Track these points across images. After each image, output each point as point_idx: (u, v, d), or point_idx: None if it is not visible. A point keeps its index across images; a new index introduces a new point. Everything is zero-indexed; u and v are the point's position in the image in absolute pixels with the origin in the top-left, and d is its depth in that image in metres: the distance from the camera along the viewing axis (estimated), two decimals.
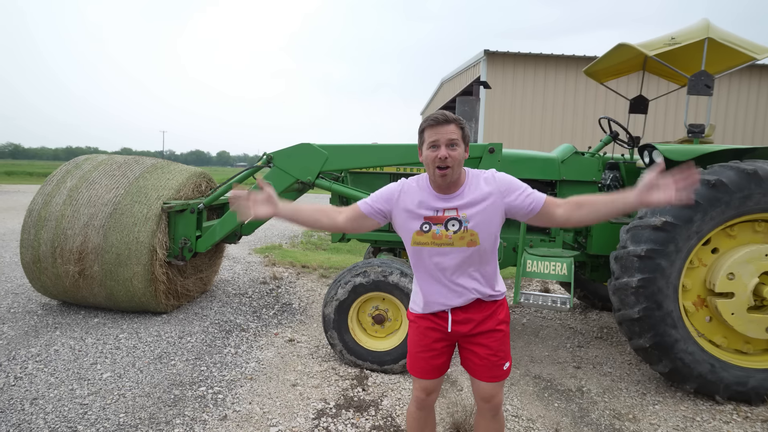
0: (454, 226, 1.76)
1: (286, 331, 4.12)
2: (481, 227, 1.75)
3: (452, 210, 1.76)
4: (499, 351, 1.87)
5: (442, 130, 1.69)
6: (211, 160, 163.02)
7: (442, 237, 1.77)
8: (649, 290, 2.99)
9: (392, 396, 3.01)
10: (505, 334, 1.91)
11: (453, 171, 1.70)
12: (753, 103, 12.94)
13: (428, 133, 1.72)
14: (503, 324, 1.90)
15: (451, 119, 1.72)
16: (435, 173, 1.71)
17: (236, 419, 2.68)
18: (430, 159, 1.71)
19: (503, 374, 1.90)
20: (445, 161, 1.67)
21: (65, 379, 3.04)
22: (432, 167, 1.72)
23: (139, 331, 3.87)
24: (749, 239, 3.15)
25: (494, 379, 1.88)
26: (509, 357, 1.93)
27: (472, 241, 1.76)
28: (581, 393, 3.22)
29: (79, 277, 4.00)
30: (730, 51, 3.69)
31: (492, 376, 1.88)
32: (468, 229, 1.76)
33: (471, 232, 1.76)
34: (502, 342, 1.89)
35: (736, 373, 3.07)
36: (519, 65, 12.39)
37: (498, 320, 1.88)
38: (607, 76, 4.74)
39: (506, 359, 1.91)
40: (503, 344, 1.89)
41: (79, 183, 4.24)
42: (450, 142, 1.69)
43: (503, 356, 1.89)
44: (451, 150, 1.68)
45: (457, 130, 1.70)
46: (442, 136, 1.68)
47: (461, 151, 1.71)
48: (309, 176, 3.80)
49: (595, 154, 4.01)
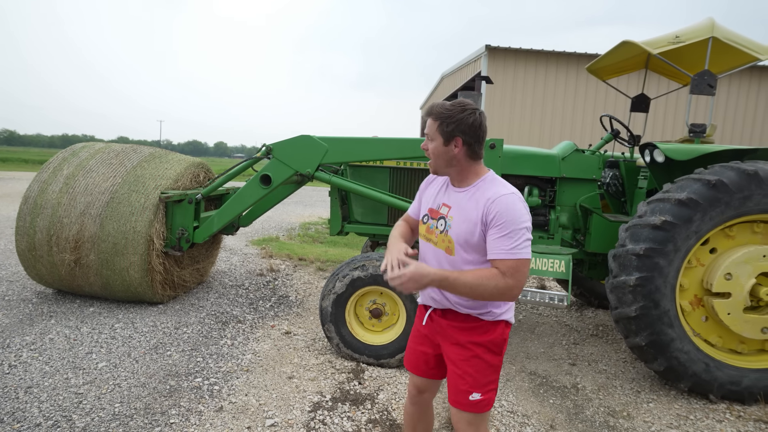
0: (441, 225, 1.70)
1: (283, 324, 4.11)
2: (458, 239, 1.63)
3: (447, 207, 1.70)
4: (467, 374, 1.66)
5: (426, 124, 1.68)
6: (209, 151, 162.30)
7: (432, 233, 1.73)
8: (647, 289, 2.99)
9: (388, 390, 3.02)
10: (481, 361, 1.66)
11: (433, 162, 1.68)
12: (754, 104, 12.94)
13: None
14: (478, 347, 1.66)
15: (429, 112, 1.66)
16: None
17: (232, 411, 2.68)
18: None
19: (467, 404, 1.66)
20: (426, 152, 1.70)
21: (60, 367, 3.03)
22: None
23: (135, 321, 3.86)
24: (748, 240, 3.15)
25: (457, 405, 1.69)
26: (485, 390, 1.66)
27: (449, 249, 1.66)
28: (576, 390, 3.24)
29: (74, 265, 3.98)
30: (734, 51, 3.68)
31: (454, 398, 1.69)
32: (448, 234, 1.67)
33: (449, 238, 1.66)
34: (474, 367, 1.66)
35: (730, 372, 3.09)
36: (520, 61, 12.33)
37: (473, 340, 1.67)
38: (610, 73, 4.71)
39: (475, 389, 1.65)
40: (475, 370, 1.66)
41: (76, 171, 4.20)
42: (427, 136, 1.67)
43: (471, 383, 1.66)
44: (429, 143, 1.66)
45: (432, 124, 1.64)
46: (425, 129, 1.69)
47: (436, 145, 1.63)
48: (308, 168, 3.77)
49: (596, 152, 4.00)
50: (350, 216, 4.17)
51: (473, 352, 1.67)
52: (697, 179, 3.04)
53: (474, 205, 1.61)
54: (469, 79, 13.90)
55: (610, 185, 4.37)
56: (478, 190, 1.64)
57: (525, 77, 12.42)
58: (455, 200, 1.68)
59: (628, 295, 3.04)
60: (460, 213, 1.64)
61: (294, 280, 5.52)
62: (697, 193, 2.98)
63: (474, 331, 1.68)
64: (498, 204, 1.54)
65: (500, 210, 1.53)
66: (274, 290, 5.07)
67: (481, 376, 1.67)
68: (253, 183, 3.91)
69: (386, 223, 4.03)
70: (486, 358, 1.67)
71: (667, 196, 3.05)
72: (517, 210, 1.53)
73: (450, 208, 1.68)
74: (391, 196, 3.80)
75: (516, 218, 1.53)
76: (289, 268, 6.02)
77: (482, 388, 1.67)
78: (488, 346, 1.67)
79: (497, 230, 1.53)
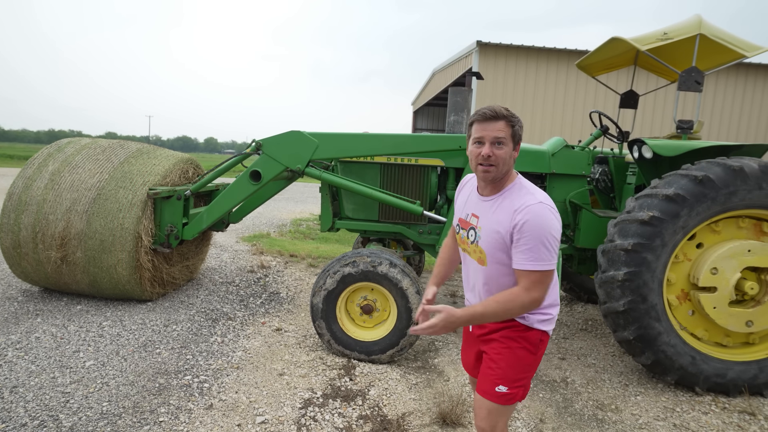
0: (471, 236, 1.70)
1: (274, 321, 4.10)
2: (489, 249, 1.63)
3: (476, 218, 1.69)
4: (497, 366, 1.68)
5: (489, 127, 1.56)
6: (199, 147, 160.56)
7: (465, 242, 1.75)
8: (635, 284, 3.03)
9: (379, 386, 3.02)
10: (513, 355, 1.67)
11: (497, 170, 1.58)
12: (741, 101, 13.12)
13: (475, 128, 1.61)
14: (513, 341, 1.68)
15: (500, 115, 1.57)
16: (477, 169, 1.62)
17: (222, 408, 2.67)
18: (473, 155, 1.61)
19: (493, 394, 1.66)
20: (488, 159, 1.57)
21: (46, 366, 2.99)
22: (474, 163, 1.62)
23: (123, 319, 3.81)
24: (733, 235, 3.20)
25: (482, 393, 1.70)
26: (512, 385, 1.66)
27: (481, 260, 1.68)
28: (566, 384, 3.27)
29: (61, 263, 3.92)
30: (721, 48, 3.71)
31: (482, 387, 1.71)
32: (479, 245, 1.67)
33: (480, 249, 1.66)
34: (506, 360, 1.68)
35: (715, 365, 3.14)
36: (511, 57, 12.36)
37: (508, 335, 1.69)
38: (599, 69, 4.74)
39: (503, 381, 1.66)
40: (507, 363, 1.68)
41: (61, 167, 4.13)
42: (496, 140, 1.56)
43: (500, 374, 1.67)
44: (497, 148, 1.56)
45: (506, 128, 1.56)
46: (488, 133, 1.56)
47: (508, 150, 1.57)
48: (299, 164, 3.75)
49: (585, 148, 4.03)
50: (341, 212, 4.15)
51: (506, 345, 1.69)
52: (684, 175, 3.08)
53: (502, 216, 1.59)
54: (460, 74, 13.91)
55: (600, 181, 4.40)
56: (505, 199, 1.62)
57: (516, 73, 12.45)
58: (482, 210, 1.67)
59: (617, 290, 3.07)
60: (488, 224, 1.63)
61: (285, 276, 5.50)
62: (684, 189, 3.01)
63: (510, 329, 1.70)
64: (525, 214, 1.52)
65: (527, 221, 1.51)
66: (265, 287, 5.05)
67: (511, 371, 1.67)
68: (242, 179, 3.88)
69: (377, 219, 4.03)
70: (518, 354, 1.68)
71: (655, 191, 3.09)
72: (544, 220, 1.52)
73: (478, 218, 1.68)
74: (381, 192, 3.79)
75: (543, 229, 1.51)
76: (280, 265, 5.99)
77: (510, 383, 1.67)
78: (522, 343, 1.68)
79: (523, 241, 1.52)
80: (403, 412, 2.73)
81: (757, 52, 3.65)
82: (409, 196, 3.90)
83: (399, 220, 3.98)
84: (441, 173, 4.06)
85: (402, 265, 3.32)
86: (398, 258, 3.42)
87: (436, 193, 4.04)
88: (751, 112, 13.17)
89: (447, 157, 3.83)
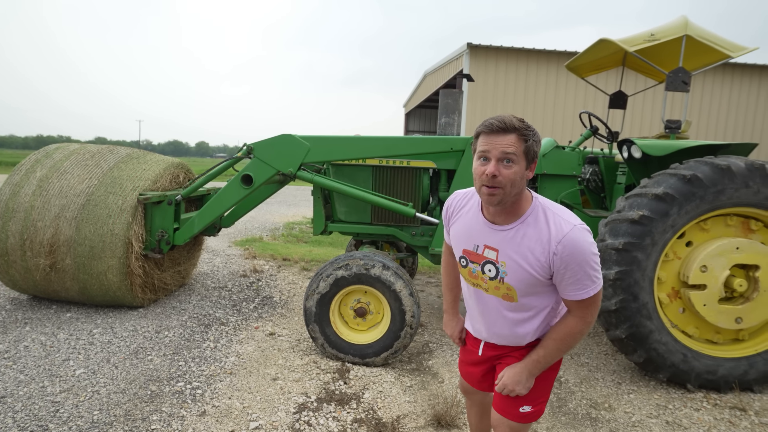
0: (490, 271, 1.48)
1: (267, 325, 4.07)
2: (519, 286, 1.45)
3: (493, 251, 1.45)
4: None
5: (497, 141, 1.32)
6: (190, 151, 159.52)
7: (477, 278, 1.53)
8: (626, 282, 3.05)
9: (374, 389, 3.01)
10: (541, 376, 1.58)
11: (505, 192, 1.35)
12: (727, 101, 13.32)
13: (481, 140, 1.37)
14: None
15: (510, 127, 1.32)
16: (481, 191, 1.38)
17: (215, 414, 2.64)
18: (477, 173, 1.37)
19: (517, 415, 1.57)
20: (493, 180, 1.33)
21: (35, 376, 2.94)
22: (478, 184, 1.38)
23: (114, 326, 3.77)
24: (722, 233, 3.24)
25: (505, 414, 1.60)
26: (536, 402, 1.58)
27: (508, 296, 1.49)
28: (559, 383, 3.28)
29: (50, 270, 3.87)
30: (707, 48, 3.77)
31: (503, 407, 1.60)
32: (504, 281, 1.46)
33: (507, 285, 1.46)
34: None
35: (706, 362, 3.17)
36: (501, 59, 12.44)
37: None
38: (588, 71, 4.79)
39: (527, 402, 1.57)
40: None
41: (49, 173, 4.08)
42: (504, 157, 1.32)
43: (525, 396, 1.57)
44: (505, 167, 1.32)
45: (518, 143, 1.32)
46: (496, 148, 1.32)
47: (518, 170, 1.33)
48: (290, 168, 3.74)
49: (576, 149, 4.06)
50: (333, 215, 4.14)
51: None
52: (672, 174, 3.11)
53: (536, 244, 1.39)
54: (451, 76, 13.97)
55: (590, 181, 4.44)
56: (529, 227, 1.41)
57: (506, 75, 12.53)
58: (501, 241, 1.44)
59: (608, 289, 3.09)
60: (516, 258, 1.42)
61: (278, 280, 5.47)
62: (673, 188, 3.04)
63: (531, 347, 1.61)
64: (566, 246, 1.35)
65: (570, 252, 1.35)
66: (258, 291, 5.02)
67: (535, 389, 1.58)
68: (234, 183, 3.86)
69: (370, 221, 4.02)
70: (544, 373, 1.59)
71: (645, 191, 3.12)
72: (586, 246, 1.35)
73: (498, 252, 1.45)
74: (374, 194, 3.79)
75: (587, 255, 1.36)
76: (273, 269, 5.96)
77: (534, 402, 1.59)
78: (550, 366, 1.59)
79: (571, 273, 1.37)
80: (397, 415, 2.73)
81: (742, 53, 3.71)
82: (401, 198, 3.91)
83: (391, 222, 3.98)
84: (433, 175, 4.07)
85: (395, 267, 3.32)
86: (391, 260, 3.42)
87: (429, 194, 4.05)
88: (738, 112, 13.37)
89: (438, 159, 3.84)
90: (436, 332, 4.11)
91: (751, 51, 3.72)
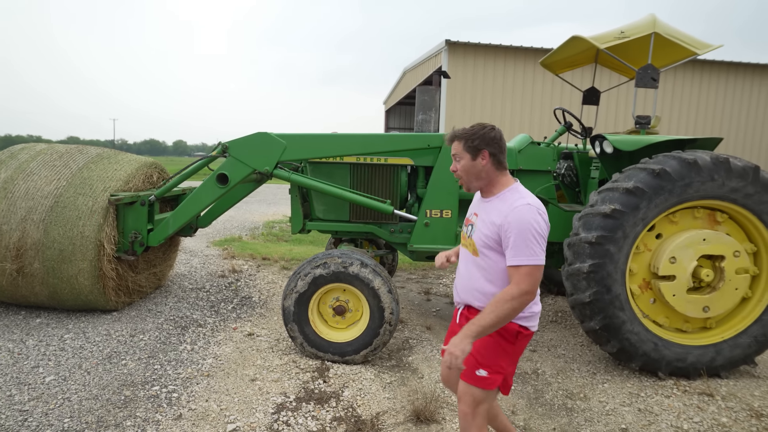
0: (468, 230, 1.95)
1: (246, 326, 4.03)
2: (478, 242, 1.85)
3: (475, 216, 1.93)
4: (476, 351, 1.80)
5: (452, 147, 1.89)
6: (167, 150, 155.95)
7: (465, 238, 1.97)
8: (599, 275, 3.12)
9: (353, 387, 3.01)
10: (492, 340, 1.81)
11: (465, 179, 1.88)
12: (697, 96, 13.72)
13: None
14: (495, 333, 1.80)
15: (453, 137, 1.88)
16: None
17: (192, 418, 2.60)
18: None
19: (473, 378, 1.82)
20: (457, 173, 1.90)
21: (2, 384, 2.84)
22: None
23: (86, 331, 3.67)
24: (689, 225, 3.34)
25: (463, 377, 1.85)
26: (492, 369, 1.81)
27: (474, 251, 1.88)
28: (536, 375, 3.34)
29: (17, 275, 3.74)
30: (675, 46, 3.87)
31: (464, 372, 1.84)
32: (471, 237, 1.90)
33: (472, 241, 1.89)
34: (485, 345, 1.82)
35: (676, 350, 3.27)
36: (479, 56, 12.53)
37: None
38: (562, 67, 4.86)
39: (482, 366, 1.81)
40: (485, 348, 1.82)
41: (14, 174, 3.94)
42: (455, 157, 1.88)
43: (479, 359, 1.81)
44: (457, 163, 1.88)
45: (458, 145, 1.85)
46: (452, 153, 1.90)
47: (465, 163, 1.85)
48: (267, 166, 3.69)
49: (551, 144, 4.12)
50: (312, 213, 4.11)
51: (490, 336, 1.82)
52: (642, 168, 3.19)
53: (496, 214, 1.79)
54: (430, 73, 14.01)
55: (565, 176, 4.51)
56: (500, 200, 1.83)
57: (485, 71, 12.63)
58: (482, 208, 1.90)
59: (583, 282, 3.16)
60: (484, 219, 1.85)
61: (257, 280, 5.41)
62: (642, 182, 3.12)
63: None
64: (513, 214, 1.72)
65: (515, 219, 1.71)
66: (237, 291, 4.95)
67: (489, 355, 1.83)
68: (209, 182, 3.79)
69: (348, 219, 4.01)
70: (496, 339, 1.82)
71: (616, 185, 3.19)
72: (530, 219, 1.70)
73: (477, 216, 1.91)
74: (352, 192, 3.78)
75: (528, 227, 1.69)
76: (252, 269, 5.89)
77: (489, 367, 1.82)
78: (500, 331, 1.80)
79: (513, 240, 1.70)
80: (377, 412, 2.73)
81: (708, 50, 3.83)
82: (379, 195, 3.90)
83: (370, 219, 3.97)
84: (411, 172, 4.07)
85: (373, 264, 3.32)
86: (369, 258, 3.41)
87: (407, 191, 4.06)
88: (707, 107, 13.80)
89: (416, 156, 3.85)
90: (416, 328, 4.13)
91: (715, 48, 3.83)
